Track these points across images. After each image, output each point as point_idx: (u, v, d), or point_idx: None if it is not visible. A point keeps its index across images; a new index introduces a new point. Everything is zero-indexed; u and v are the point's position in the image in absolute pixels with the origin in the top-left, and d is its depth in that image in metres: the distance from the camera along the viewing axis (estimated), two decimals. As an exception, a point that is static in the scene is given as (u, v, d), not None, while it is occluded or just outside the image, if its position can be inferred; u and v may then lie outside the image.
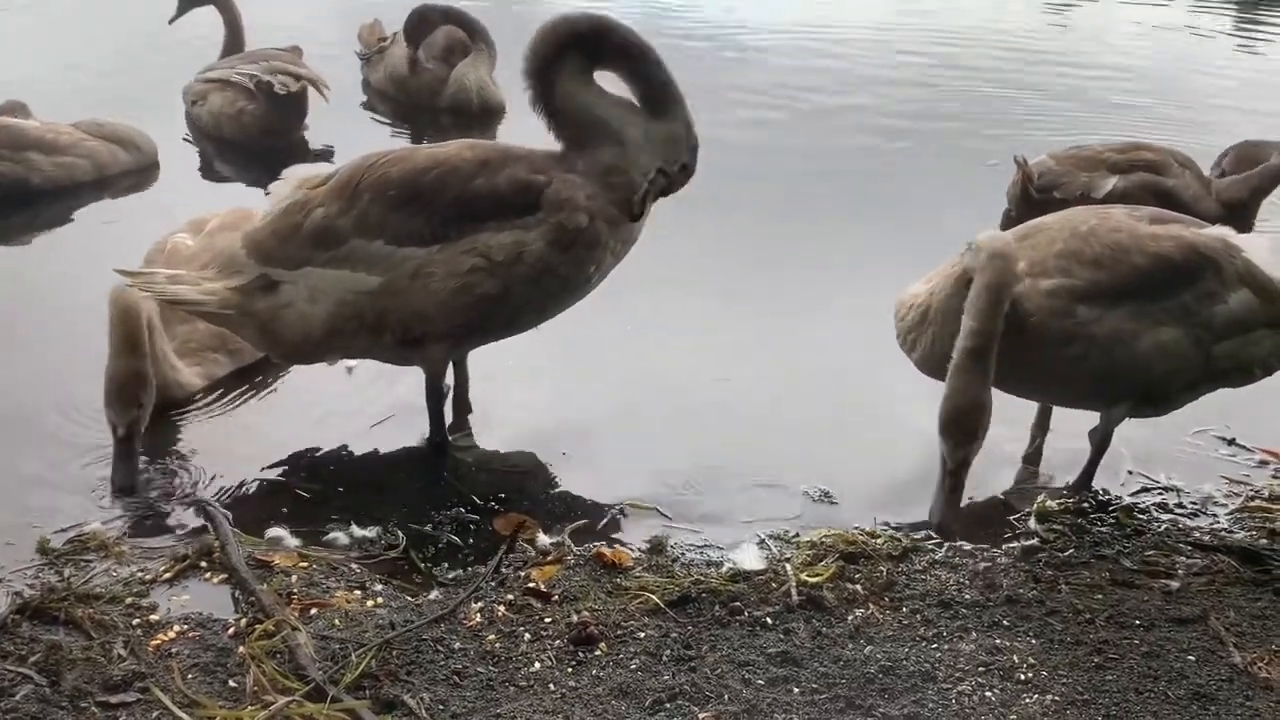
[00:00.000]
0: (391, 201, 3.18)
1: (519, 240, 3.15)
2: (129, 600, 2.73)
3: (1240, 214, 5.52)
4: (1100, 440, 3.41)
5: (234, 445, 3.48)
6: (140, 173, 5.69)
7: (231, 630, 2.64)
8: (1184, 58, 9.56)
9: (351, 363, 3.71)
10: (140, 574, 2.84)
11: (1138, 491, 3.48)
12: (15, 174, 5.26)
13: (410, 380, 3.51)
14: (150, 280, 3.34)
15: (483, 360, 3.68)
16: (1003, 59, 8.83)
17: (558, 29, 3.17)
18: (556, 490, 3.38)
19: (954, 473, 3.12)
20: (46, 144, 5.36)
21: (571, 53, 3.17)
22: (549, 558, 3.00)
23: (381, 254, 3.18)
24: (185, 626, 2.64)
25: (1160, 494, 3.47)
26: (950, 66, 8.46)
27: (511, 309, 3.25)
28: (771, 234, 5.24)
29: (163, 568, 2.86)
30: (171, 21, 6.90)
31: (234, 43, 6.79)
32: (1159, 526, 3.30)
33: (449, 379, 3.55)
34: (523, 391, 3.81)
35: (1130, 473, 3.55)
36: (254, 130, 6.10)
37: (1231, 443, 3.73)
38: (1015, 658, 2.67)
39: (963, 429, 3.07)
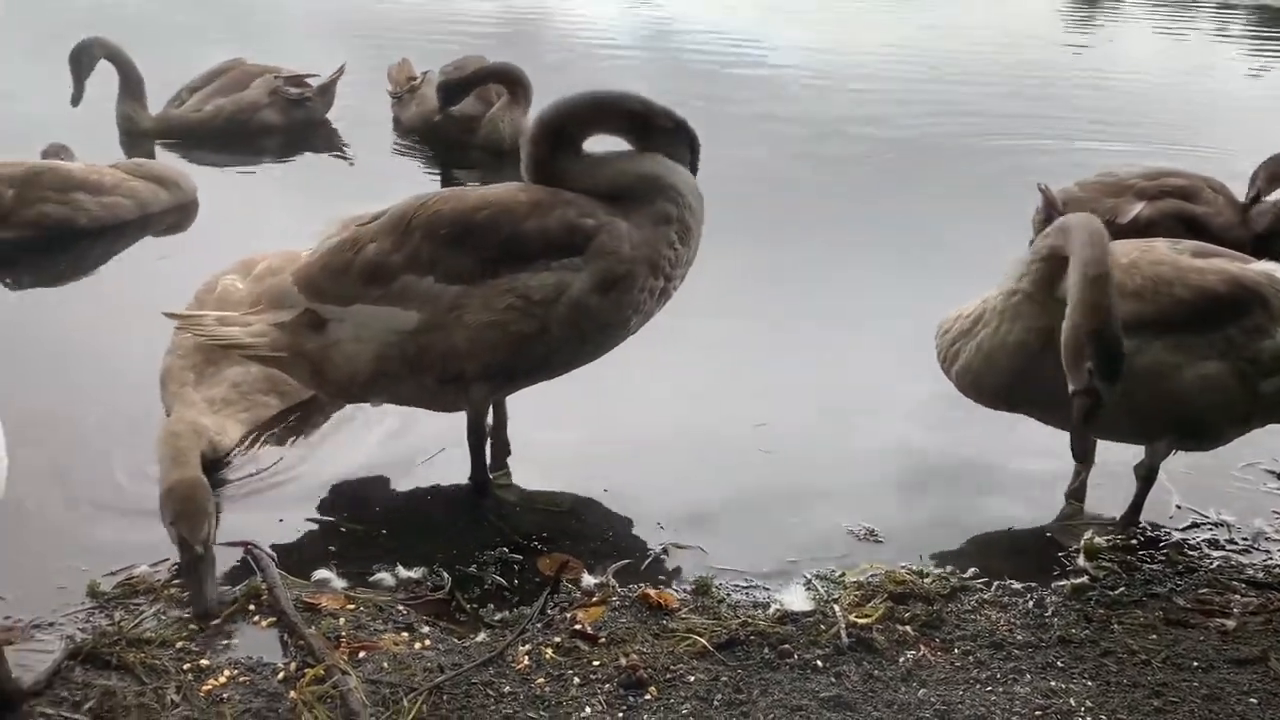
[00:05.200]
0: (443, 239, 3.19)
1: (560, 281, 3.16)
2: (179, 644, 2.73)
3: (1275, 240, 5.46)
4: (1146, 475, 3.37)
5: (278, 485, 3.50)
6: (180, 210, 5.79)
7: (281, 675, 2.64)
8: (1203, 81, 9.54)
9: None
10: (189, 618, 2.84)
11: (1187, 527, 3.43)
12: (63, 215, 5.36)
13: (451, 418, 3.51)
14: (199, 323, 3.38)
15: (520, 399, 3.68)
16: (1019, 83, 8.83)
17: (546, 122, 3.25)
18: (598, 529, 3.37)
19: (1085, 392, 2.89)
20: (92, 185, 5.47)
21: (559, 139, 3.26)
22: (594, 599, 2.99)
23: (432, 292, 3.18)
24: (235, 671, 2.64)
25: (1210, 530, 3.42)
26: (965, 87, 8.48)
27: (547, 349, 3.24)
28: (792, 262, 5.22)
29: (212, 611, 2.87)
30: (76, 103, 6.74)
31: (132, 86, 6.90)
32: (1210, 563, 3.25)
33: (489, 418, 3.56)
34: (560, 430, 3.80)
35: (1178, 508, 3.50)
36: (319, 114, 7.36)
37: (1280, 477, 3.69)
38: (1072, 700, 2.63)
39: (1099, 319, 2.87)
